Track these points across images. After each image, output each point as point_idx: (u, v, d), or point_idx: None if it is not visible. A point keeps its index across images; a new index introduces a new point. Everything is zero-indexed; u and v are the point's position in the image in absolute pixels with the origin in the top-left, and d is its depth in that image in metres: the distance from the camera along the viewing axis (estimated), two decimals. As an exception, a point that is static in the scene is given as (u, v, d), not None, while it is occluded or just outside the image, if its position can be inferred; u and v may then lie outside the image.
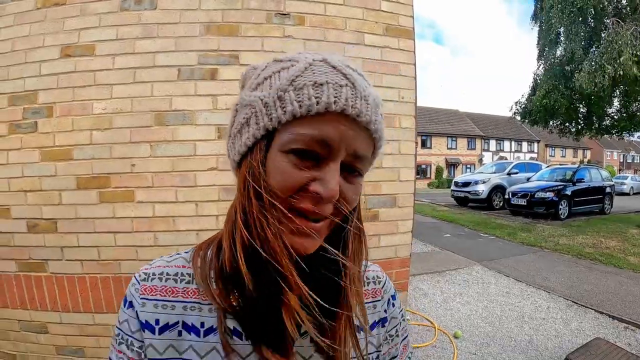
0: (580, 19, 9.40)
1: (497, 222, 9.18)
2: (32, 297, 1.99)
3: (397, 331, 0.57)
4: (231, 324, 0.44)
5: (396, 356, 0.57)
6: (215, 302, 0.43)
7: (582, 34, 9.51)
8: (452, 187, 13.49)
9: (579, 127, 11.99)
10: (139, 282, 0.47)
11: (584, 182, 10.22)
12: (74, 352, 1.98)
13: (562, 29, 9.81)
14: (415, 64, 2.00)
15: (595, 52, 8.88)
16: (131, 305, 0.46)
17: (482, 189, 11.89)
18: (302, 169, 0.39)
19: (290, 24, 1.82)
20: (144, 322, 0.45)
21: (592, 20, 9.55)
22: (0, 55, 2.02)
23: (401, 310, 0.59)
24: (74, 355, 1.98)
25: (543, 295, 4.13)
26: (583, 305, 3.76)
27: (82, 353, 1.97)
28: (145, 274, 0.48)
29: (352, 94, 0.39)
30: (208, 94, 1.76)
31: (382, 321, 0.55)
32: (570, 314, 3.57)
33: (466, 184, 12.66)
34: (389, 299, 0.57)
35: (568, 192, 9.56)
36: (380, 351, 0.54)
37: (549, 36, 10.50)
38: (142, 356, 0.44)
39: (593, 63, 8.65)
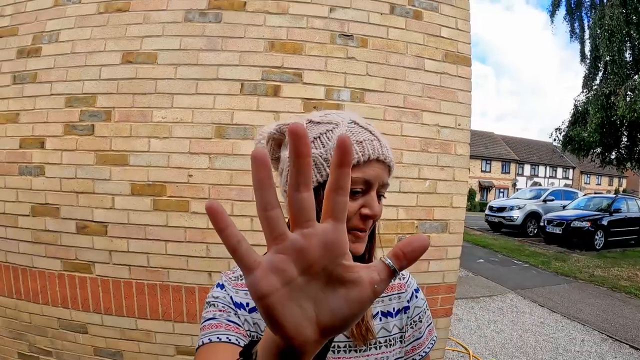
0: (626, 46, 9.50)
1: (531, 249, 9.38)
2: (74, 297, 2.13)
3: (420, 318, 0.74)
4: None
5: (420, 338, 0.73)
6: None
7: (628, 60, 9.60)
8: (487, 212, 13.82)
9: (620, 157, 12.04)
10: (231, 280, 0.66)
11: (621, 212, 10.37)
12: (112, 354, 2.11)
13: (608, 58, 9.90)
14: (471, 91, 2.12)
15: (638, 79, 8.92)
16: (224, 290, 0.64)
17: (517, 215, 12.14)
18: (354, 201, 0.58)
19: (354, 45, 1.94)
20: (238, 302, 0.63)
21: (637, 46, 9.64)
22: (59, 56, 2.20)
23: (425, 302, 0.77)
24: (111, 358, 2.10)
25: (578, 327, 4.21)
26: (618, 340, 3.85)
27: (120, 356, 2.10)
28: (235, 277, 0.67)
29: (379, 146, 0.60)
30: (270, 110, 1.88)
31: (405, 309, 0.72)
32: (605, 348, 3.63)
33: (501, 209, 12.94)
34: (412, 292, 0.74)
35: (604, 223, 9.70)
36: (404, 332, 0.71)
37: (596, 66, 10.63)
38: (235, 314, 0.61)
39: (634, 89, 8.71)
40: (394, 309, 0.71)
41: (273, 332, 0.26)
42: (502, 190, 36.71)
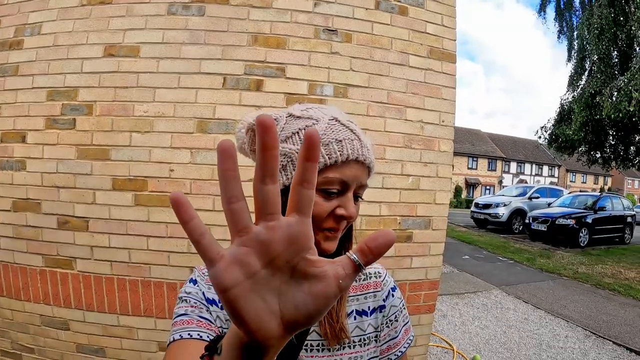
0: (613, 46, 9.56)
1: (516, 246, 9.45)
2: (56, 293, 2.08)
3: (396, 317, 0.72)
4: None
5: (395, 337, 0.72)
6: None
7: (615, 61, 9.66)
8: (473, 209, 13.85)
9: (606, 156, 12.14)
10: (204, 276, 0.64)
11: (605, 210, 10.49)
12: (95, 351, 2.07)
13: (596, 57, 9.94)
14: (455, 88, 2.10)
15: (624, 79, 8.96)
16: (197, 285, 0.62)
17: (503, 212, 12.24)
18: (329, 200, 0.56)
19: (338, 40, 1.92)
20: (210, 299, 0.61)
21: (624, 47, 9.72)
22: (42, 48, 2.14)
23: (402, 301, 0.75)
24: (94, 355, 2.07)
25: (561, 323, 4.25)
26: (601, 336, 3.88)
27: (102, 353, 2.06)
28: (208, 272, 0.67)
29: (359, 146, 0.58)
30: (252, 104, 1.85)
31: (381, 308, 0.71)
32: (588, 344, 3.67)
33: (487, 205, 13.00)
34: (389, 291, 0.73)
35: (589, 220, 9.83)
36: (379, 332, 0.70)
37: (583, 65, 10.69)
38: (207, 310, 0.59)
39: (620, 89, 8.77)
40: (369, 307, 0.70)
41: (236, 326, 0.26)
42: (488, 187, 37.10)
